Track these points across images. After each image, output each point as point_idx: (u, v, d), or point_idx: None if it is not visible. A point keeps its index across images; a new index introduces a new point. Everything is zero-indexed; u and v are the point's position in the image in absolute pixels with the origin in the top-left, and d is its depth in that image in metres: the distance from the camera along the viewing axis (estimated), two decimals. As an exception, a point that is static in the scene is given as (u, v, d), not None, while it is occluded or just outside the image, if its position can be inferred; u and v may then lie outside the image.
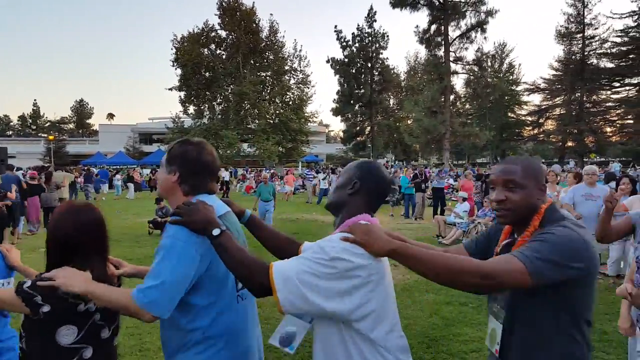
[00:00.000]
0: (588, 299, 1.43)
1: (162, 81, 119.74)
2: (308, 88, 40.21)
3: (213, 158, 1.72)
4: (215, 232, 1.45)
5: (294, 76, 40.28)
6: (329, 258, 1.31)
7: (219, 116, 39.33)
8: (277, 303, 1.31)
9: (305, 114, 40.43)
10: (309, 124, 41.66)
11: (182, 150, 1.69)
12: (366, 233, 1.32)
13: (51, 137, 45.73)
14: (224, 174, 24.98)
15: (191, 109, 39.82)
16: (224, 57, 39.40)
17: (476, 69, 42.10)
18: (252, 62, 39.46)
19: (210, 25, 38.63)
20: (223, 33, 38.89)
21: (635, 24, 43.64)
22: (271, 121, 38.77)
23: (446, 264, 1.29)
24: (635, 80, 45.76)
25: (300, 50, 40.76)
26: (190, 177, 1.66)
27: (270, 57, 39.82)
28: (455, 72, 40.77)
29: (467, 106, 54.13)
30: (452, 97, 42.44)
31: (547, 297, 1.38)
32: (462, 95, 51.41)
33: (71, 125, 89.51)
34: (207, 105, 40.07)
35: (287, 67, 39.75)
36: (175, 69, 38.28)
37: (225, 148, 36.14)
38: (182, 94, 39.14)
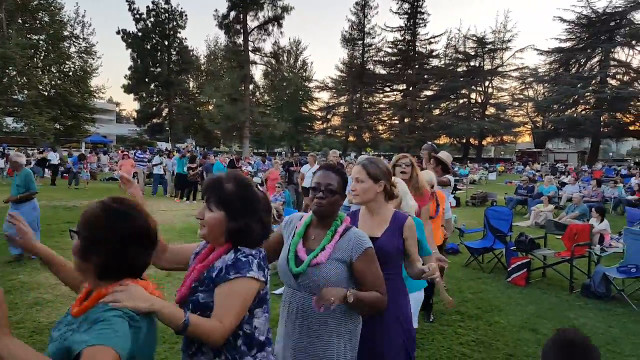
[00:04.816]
0: None
1: None
2: (93, 59, 35.43)
3: None
4: None
5: (76, 44, 35.00)
6: None
7: (-27, 83, 31.62)
8: None
9: (90, 88, 35.70)
10: (94, 99, 36.92)
11: None
12: None
13: None
14: (51, 156, 20.58)
15: None
16: (-19, 11, 31.71)
17: (273, 62, 43.80)
18: (20, 21, 32.85)
19: (-38, -29, 30.53)
20: (-21, -18, 31.20)
21: (402, 38, 51.94)
22: (45, 93, 33.01)
23: None
24: (401, 87, 54.64)
25: (84, 16, 35.55)
26: None
27: (45, 19, 33.69)
28: (254, 62, 41.66)
29: (266, 97, 56.24)
30: (251, 86, 43.29)
31: None
32: (261, 86, 53.09)
33: None
34: (-45, 69, 31.77)
35: (66, 33, 34.27)
36: None
37: (-20, 122, 29.40)
38: None
